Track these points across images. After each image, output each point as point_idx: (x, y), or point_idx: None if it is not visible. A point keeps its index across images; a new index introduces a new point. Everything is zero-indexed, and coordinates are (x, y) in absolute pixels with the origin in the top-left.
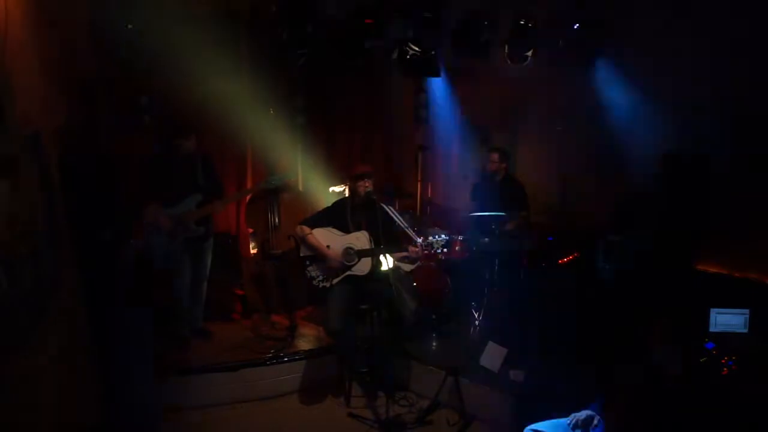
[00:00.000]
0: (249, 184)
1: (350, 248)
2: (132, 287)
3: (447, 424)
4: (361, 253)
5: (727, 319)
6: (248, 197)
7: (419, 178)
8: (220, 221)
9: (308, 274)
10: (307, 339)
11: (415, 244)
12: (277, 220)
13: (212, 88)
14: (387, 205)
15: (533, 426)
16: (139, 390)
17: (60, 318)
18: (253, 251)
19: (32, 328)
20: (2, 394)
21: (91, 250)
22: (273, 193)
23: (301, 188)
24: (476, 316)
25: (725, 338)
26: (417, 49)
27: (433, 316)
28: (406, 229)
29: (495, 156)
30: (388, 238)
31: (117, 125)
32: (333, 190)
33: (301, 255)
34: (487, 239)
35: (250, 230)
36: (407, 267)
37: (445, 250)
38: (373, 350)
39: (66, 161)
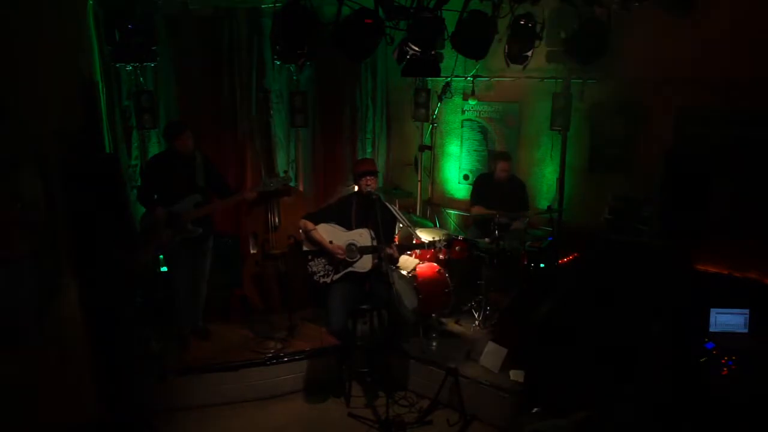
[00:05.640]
0: (248, 185)
1: (353, 245)
2: (132, 288)
3: (447, 424)
4: (363, 250)
5: (727, 319)
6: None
7: (419, 178)
8: (220, 221)
9: (310, 269)
10: (307, 339)
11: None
12: (276, 220)
13: (213, 88)
14: (390, 204)
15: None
16: (137, 390)
17: (60, 318)
18: (253, 251)
19: (32, 328)
20: (2, 393)
21: (91, 251)
22: (272, 195)
23: (301, 188)
24: (476, 316)
25: (725, 338)
26: (417, 49)
27: (433, 316)
28: (408, 228)
29: (506, 165)
30: (389, 236)
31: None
32: (345, 187)
33: (304, 249)
34: (487, 239)
35: (251, 230)
36: (411, 263)
37: (445, 247)
38: (373, 350)
39: (67, 161)
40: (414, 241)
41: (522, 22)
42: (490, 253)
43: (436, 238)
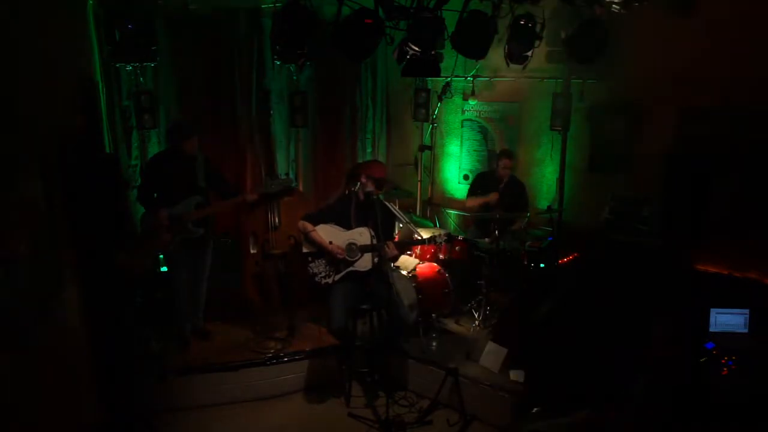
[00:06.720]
0: (248, 185)
1: (353, 244)
2: (132, 288)
3: (447, 424)
4: (364, 249)
5: (727, 319)
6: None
7: (419, 178)
8: (220, 221)
9: (310, 271)
10: (307, 339)
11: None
12: (276, 219)
13: (213, 88)
14: (389, 203)
15: None
16: (137, 390)
17: (59, 318)
18: (253, 251)
19: (32, 328)
20: (1, 394)
21: (91, 251)
22: (273, 196)
23: (300, 188)
24: (476, 316)
25: (725, 338)
26: (417, 49)
27: (433, 316)
28: (408, 224)
29: (509, 162)
30: (389, 235)
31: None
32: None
33: (304, 251)
34: (487, 239)
35: (251, 230)
36: (411, 263)
37: (445, 242)
38: (373, 350)
39: (67, 161)
40: (414, 238)
41: (522, 22)
42: (490, 253)
43: (436, 234)
